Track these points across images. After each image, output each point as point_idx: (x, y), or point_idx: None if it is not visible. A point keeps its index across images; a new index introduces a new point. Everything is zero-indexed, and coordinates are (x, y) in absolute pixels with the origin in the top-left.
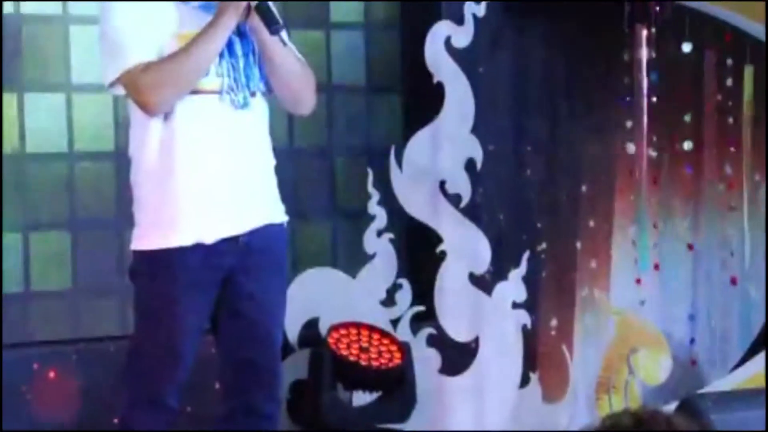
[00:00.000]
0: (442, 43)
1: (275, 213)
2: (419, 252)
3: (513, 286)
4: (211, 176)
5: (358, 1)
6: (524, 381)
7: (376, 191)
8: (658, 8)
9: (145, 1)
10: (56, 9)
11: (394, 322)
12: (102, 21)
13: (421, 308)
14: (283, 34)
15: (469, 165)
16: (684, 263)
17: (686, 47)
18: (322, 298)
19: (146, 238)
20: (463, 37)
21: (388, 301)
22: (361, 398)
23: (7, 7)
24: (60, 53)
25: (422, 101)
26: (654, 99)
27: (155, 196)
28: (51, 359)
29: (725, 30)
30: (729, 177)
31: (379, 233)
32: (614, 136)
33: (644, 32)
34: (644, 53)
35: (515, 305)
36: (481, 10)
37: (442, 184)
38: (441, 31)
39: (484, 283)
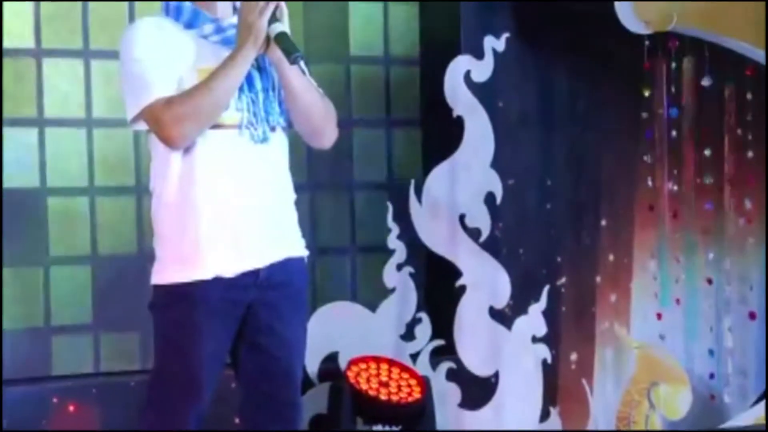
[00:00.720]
0: (462, 78)
1: (295, 247)
2: (439, 286)
3: (533, 320)
4: (230, 211)
5: (378, 35)
6: (544, 415)
7: (395, 225)
8: (677, 43)
9: (164, 36)
10: (76, 44)
11: (414, 356)
12: (122, 57)
13: (441, 342)
14: (303, 64)
15: (489, 199)
16: (704, 298)
17: (706, 82)
18: (342, 332)
19: (166, 272)
20: (482, 71)
21: (408, 335)
22: None
23: (28, 42)
24: (79, 88)
25: (442, 135)
26: (674, 133)
27: (175, 231)
28: (71, 393)
29: (745, 64)
30: (749, 211)
31: (399, 267)
32: (634, 170)
33: (663, 67)
34: (663, 88)
35: (535, 339)
36: (500, 44)
37: (462, 217)
38: (460, 65)
39: (503, 317)
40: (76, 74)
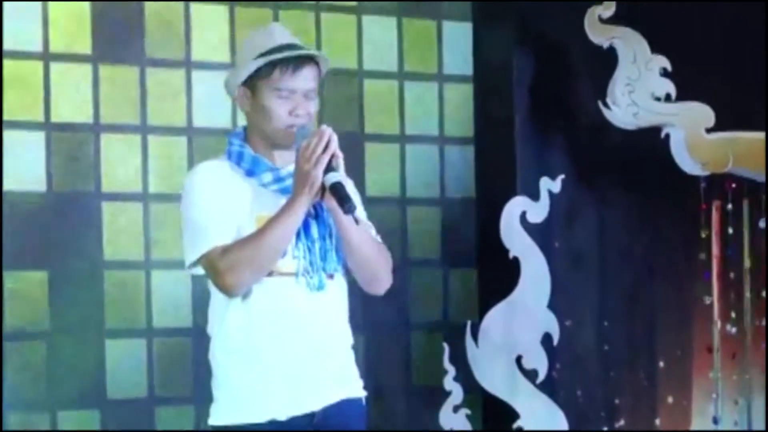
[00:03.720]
0: (518, 219)
1: (352, 388)
2: (496, 428)
3: None
4: (286, 357)
5: (434, 177)
6: None
7: (452, 366)
8: (733, 185)
9: (224, 183)
10: (136, 187)
11: None
12: (184, 201)
13: None
14: (358, 213)
15: (546, 340)
16: None
17: (763, 224)
18: None
19: (223, 414)
20: (538, 212)
21: None
22: None
23: (88, 186)
24: (138, 229)
25: (498, 276)
26: (731, 275)
27: (231, 374)
28: None
29: None
30: None
31: (456, 409)
32: (692, 311)
33: (720, 208)
34: (721, 229)
35: None
36: (556, 186)
37: (519, 359)
38: (516, 206)
39: None
40: (135, 217)
